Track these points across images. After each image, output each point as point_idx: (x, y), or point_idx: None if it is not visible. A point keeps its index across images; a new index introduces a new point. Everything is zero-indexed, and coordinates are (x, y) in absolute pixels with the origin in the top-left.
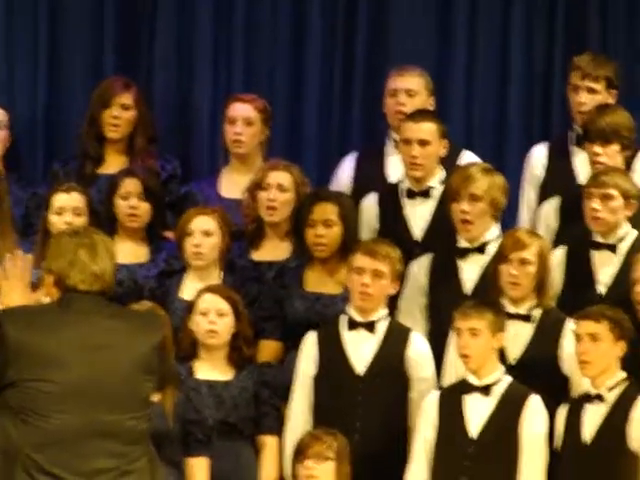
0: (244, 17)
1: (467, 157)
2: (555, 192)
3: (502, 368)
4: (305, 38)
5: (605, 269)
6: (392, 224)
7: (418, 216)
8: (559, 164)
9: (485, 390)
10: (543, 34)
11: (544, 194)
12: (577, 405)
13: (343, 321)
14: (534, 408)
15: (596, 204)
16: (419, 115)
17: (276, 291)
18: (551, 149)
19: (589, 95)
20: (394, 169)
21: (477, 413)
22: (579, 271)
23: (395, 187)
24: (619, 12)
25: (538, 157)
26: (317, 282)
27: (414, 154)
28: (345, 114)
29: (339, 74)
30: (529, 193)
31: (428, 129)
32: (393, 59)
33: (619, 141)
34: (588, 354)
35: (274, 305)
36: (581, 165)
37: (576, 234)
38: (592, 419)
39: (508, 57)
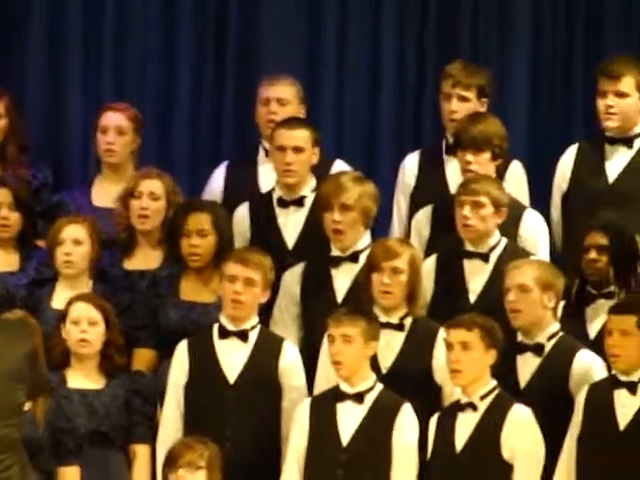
0: (114, 27)
1: (338, 165)
2: (427, 201)
3: (374, 376)
4: (175, 47)
5: (476, 278)
6: (265, 233)
7: (290, 225)
8: (431, 172)
9: (357, 398)
10: (414, 42)
11: (416, 202)
12: (449, 414)
13: (215, 330)
14: (406, 417)
15: (467, 212)
16: (293, 122)
17: (150, 300)
18: (423, 157)
19: (460, 103)
20: (266, 178)
21: (349, 421)
22: (450, 280)
23: (267, 196)
24: (490, 19)
25: (410, 166)
26: (191, 291)
27: (288, 161)
28: (217, 123)
29: (210, 83)
30: (401, 201)
31: (302, 136)
32: (264, 68)
33: (490, 149)
34: (459, 363)
35: (148, 314)
36: (453, 173)
37: (448, 243)
38: (464, 428)
39: (379, 65)
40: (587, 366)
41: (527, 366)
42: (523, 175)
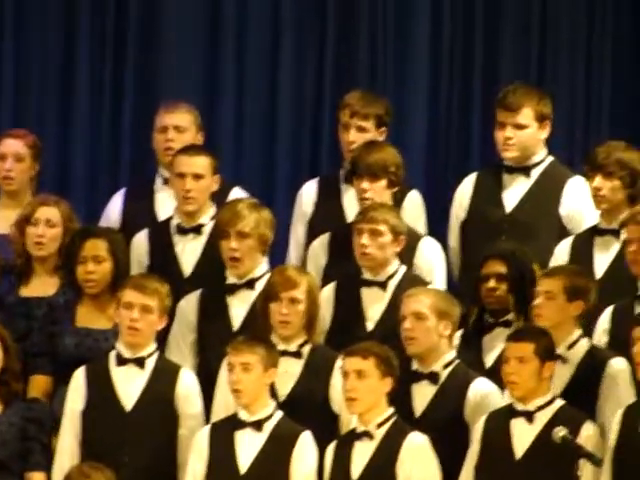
0: (13, 49)
1: (235, 193)
2: (324, 228)
3: (274, 404)
4: (74, 72)
5: (374, 306)
6: (162, 261)
7: (188, 252)
8: (328, 201)
9: (256, 426)
10: (313, 71)
11: (313, 230)
12: (346, 442)
13: (112, 357)
14: (304, 445)
15: (365, 240)
16: (193, 149)
17: (47, 327)
18: (321, 185)
19: (359, 133)
20: (163, 206)
21: (248, 449)
22: (349, 308)
23: (166, 224)
24: (388, 49)
25: (308, 193)
26: (88, 318)
27: (187, 188)
28: (115, 150)
29: (108, 110)
30: (298, 229)
31: (202, 163)
32: (162, 96)
33: (386, 177)
34: (355, 391)
35: (45, 340)
36: (350, 202)
37: (346, 271)
38: (361, 457)
39: (277, 93)
40: (482, 394)
41: (423, 394)
42: (420, 203)
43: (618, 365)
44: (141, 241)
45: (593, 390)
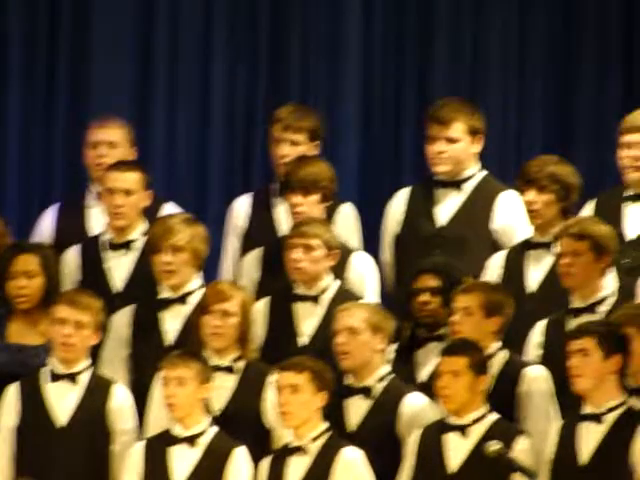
0: None
1: (168, 208)
2: (258, 243)
3: (208, 419)
4: (5, 89)
5: (308, 320)
6: (93, 276)
7: (119, 268)
8: (261, 215)
9: (190, 441)
10: (245, 86)
11: (247, 245)
12: (280, 457)
13: (45, 372)
14: (239, 460)
15: (297, 254)
16: (123, 165)
17: None
18: (253, 200)
19: (291, 147)
20: (95, 221)
21: (182, 464)
22: (282, 322)
23: (97, 239)
24: (321, 64)
25: (240, 208)
26: (19, 333)
27: (117, 203)
28: (47, 165)
29: (40, 126)
30: (232, 244)
31: (132, 179)
32: (94, 111)
33: (319, 191)
34: (288, 405)
35: None
36: (283, 216)
37: (279, 285)
38: (295, 471)
39: (209, 108)
40: (416, 409)
41: (356, 409)
42: (354, 217)
43: (536, 372)
44: (72, 256)
45: (512, 400)
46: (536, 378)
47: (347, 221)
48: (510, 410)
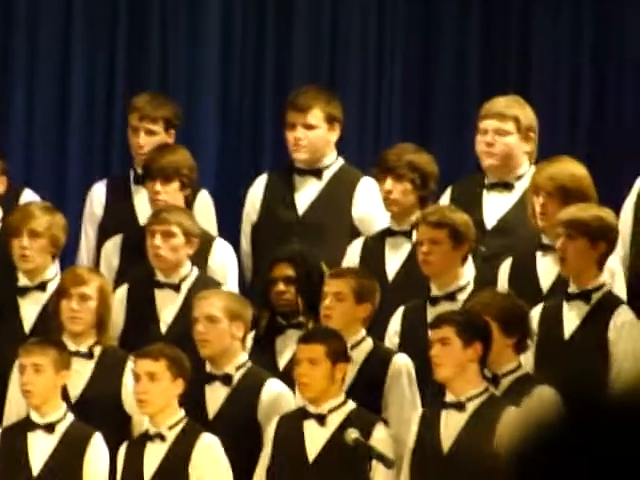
0: None
1: (27, 195)
2: (116, 230)
3: (65, 406)
4: None
5: (167, 308)
6: None
7: None
8: (119, 202)
9: (48, 428)
10: (103, 70)
11: (105, 232)
12: (138, 444)
13: None
14: (96, 447)
15: (158, 241)
16: None
17: None
18: (110, 187)
19: (148, 137)
20: None
21: (40, 451)
22: (142, 310)
23: None
24: (178, 49)
25: (98, 195)
26: None
27: None
28: None
29: None
30: (89, 231)
31: None
32: None
33: (179, 179)
34: (146, 393)
35: None
36: (141, 204)
37: (138, 273)
38: (152, 458)
39: (68, 94)
40: (275, 396)
41: (216, 396)
42: (211, 205)
43: (401, 360)
44: None
45: (377, 387)
46: (403, 366)
47: (204, 208)
48: (375, 398)
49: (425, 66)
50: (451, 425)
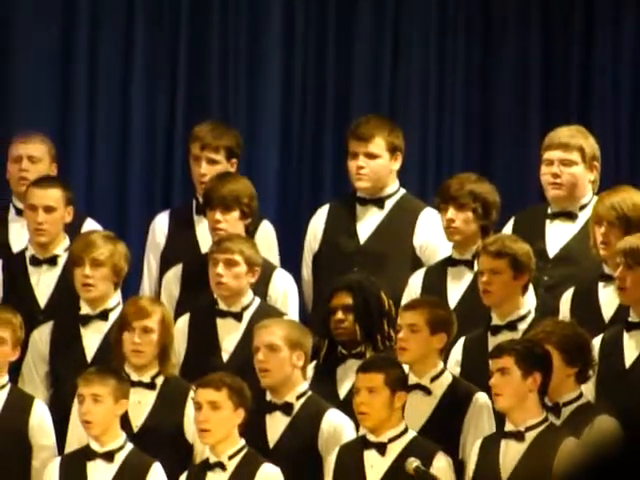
0: None
1: (89, 224)
2: (178, 260)
3: (124, 435)
4: None
5: (229, 336)
6: (16, 292)
7: (43, 284)
8: (182, 232)
9: (107, 457)
10: (165, 102)
11: (167, 262)
12: (198, 473)
13: None
14: (155, 476)
15: (220, 269)
16: (45, 181)
17: None
18: (173, 217)
19: (210, 166)
20: (17, 236)
21: (99, 479)
22: (203, 338)
23: (20, 255)
24: (240, 81)
25: (160, 225)
26: None
27: (39, 220)
28: None
29: None
30: (151, 261)
31: (54, 195)
32: (17, 127)
33: (239, 208)
34: (207, 422)
35: None
36: (203, 233)
37: (200, 302)
38: None
39: (129, 123)
40: (336, 426)
41: (276, 425)
42: (273, 235)
43: (483, 399)
44: None
45: (456, 423)
46: (485, 405)
47: (267, 238)
48: (453, 433)
49: (486, 96)
50: (510, 455)
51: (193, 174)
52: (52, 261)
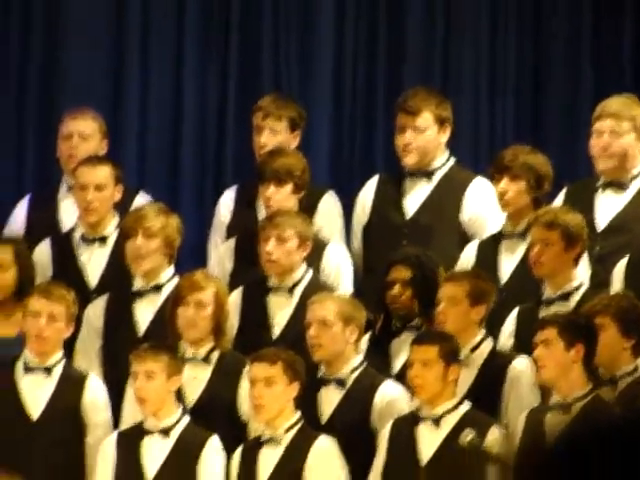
0: None
1: (141, 199)
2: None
3: (180, 410)
4: None
5: (281, 311)
6: (67, 270)
7: (94, 263)
8: (245, 208)
9: (163, 432)
10: (217, 73)
11: (229, 237)
12: (253, 447)
13: (19, 365)
14: (212, 450)
15: (271, 246)
16: (95, 160)
17: None
18: (238, 193)
19: (271, 135)
20: (67, 214)
21: (155, 455)
22: (255, 313)
23: (70, 233)
24: (291, 56)
25: (225, 202)
26: None
27: (89, 199)
28: (19, 157)
29: (10, 115)
30: (217, 237)
31: (103, 174)
32: (67, 104)
33: (292, 182)
34: (262, 397)
35: None
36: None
37: (252, 277)
38: (268, 462)
39: (181, 97)
40: (390, 398)
41: (329, 399)
42: (335, 205)
43: (520, 366)
44: (44, 251)
45: (496, 392)
46: (522, 372)
47: (329, 210)
48: (494, 402)
49: (537, 64)
50: (555, 426)
51: (255, 145)
52: (102, 240)
